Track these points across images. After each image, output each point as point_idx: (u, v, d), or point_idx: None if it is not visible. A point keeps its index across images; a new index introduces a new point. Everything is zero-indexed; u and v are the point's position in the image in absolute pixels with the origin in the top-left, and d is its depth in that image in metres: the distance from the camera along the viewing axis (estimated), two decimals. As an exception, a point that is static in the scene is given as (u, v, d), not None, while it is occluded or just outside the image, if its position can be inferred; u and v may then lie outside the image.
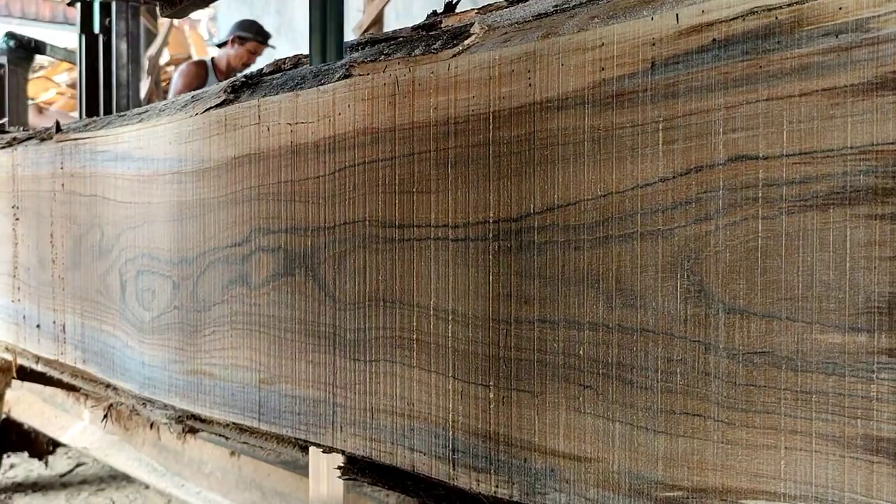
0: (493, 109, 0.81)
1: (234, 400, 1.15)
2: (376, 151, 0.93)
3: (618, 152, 0.71)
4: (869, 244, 0.57)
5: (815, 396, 0.59)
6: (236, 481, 2.30)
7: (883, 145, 0.56)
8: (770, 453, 0.62)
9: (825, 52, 0.59)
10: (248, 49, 4.98)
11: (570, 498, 0.75)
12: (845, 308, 0.58)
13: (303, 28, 11.47)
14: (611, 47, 0.71)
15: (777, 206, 0.61)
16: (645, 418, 0.69)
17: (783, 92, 0.61)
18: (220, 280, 1.17)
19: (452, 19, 0.99)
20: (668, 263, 0.68)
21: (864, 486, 0.57)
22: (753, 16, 0.62)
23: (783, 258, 0.61)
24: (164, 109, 1.33)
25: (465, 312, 0.84)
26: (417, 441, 0.89)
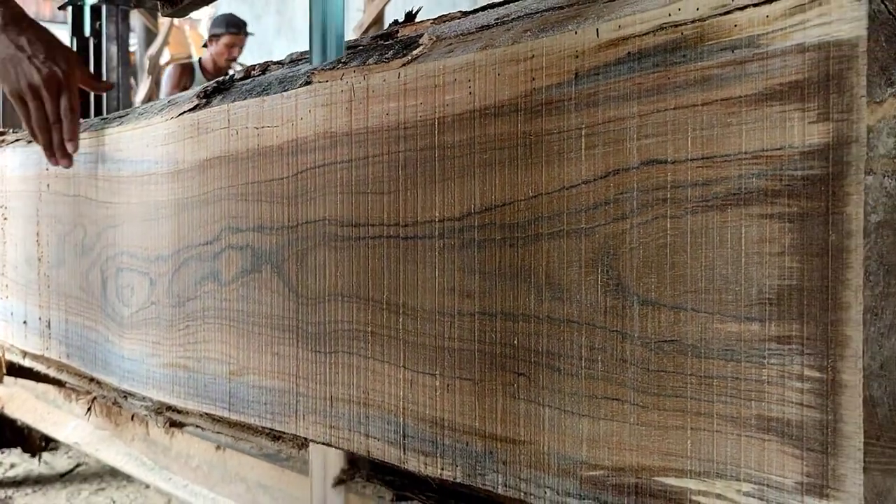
0: (439, 116, 0.86)
1: (207, 391, 1.21)
2: (334, 154, 0.98)
3: (546, 156, 0.76)
4: (761, 241, 0.62)
5: (716, 381, 0.65)
6: (222, 474, 2.36)
7: (771, 151, 0.61)
8: (678, 434, 0.67)
9: (723, 65, 0.64)
10: (225, 44, 4.94)
11: (506, 478, 0.81)
12: (741, 299, 0.63)
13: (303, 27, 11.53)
14: (540, 59, 0.77)
15: (683, 206, 0.67)
16: (571, 403, 0.75)
17: (688, 101, 0.66)
18: (194, 277, 1.22)
19: (409, 29, 1.05)
20: (590, 259, 0.73)
21: (757, 461, 0.63)
22: (662, 31, 0.68)
23: (689, 254, 0.66)
24: (143, 113, 1.39)
25: (413, 306, 0.89)
26: (372, 427, 0.95)
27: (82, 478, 3.35)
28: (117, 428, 2.85)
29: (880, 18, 0.58)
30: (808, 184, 0.60)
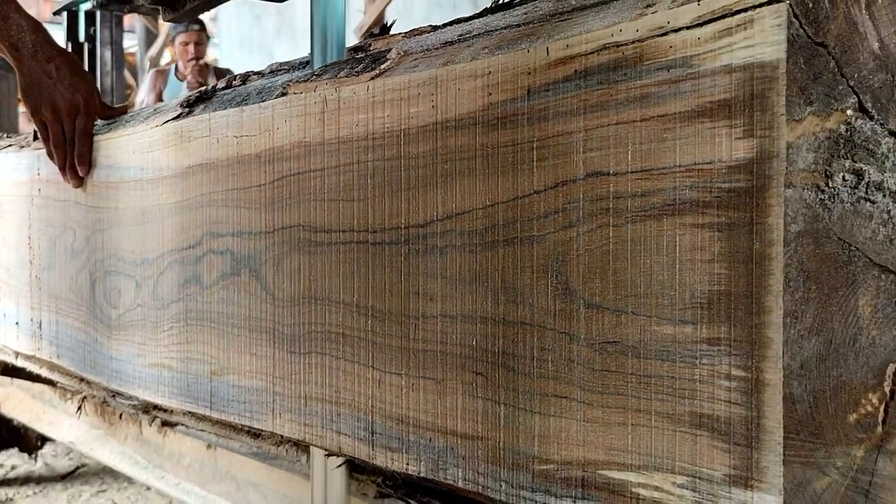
0: (404, 127, 0.90)
1: (190, 390, 1.25)
2: (308, 163, 1.02)
3: (501, 168, 0.80)
4: (693, 249, 0.66)
5: (653, 380, 0.69)
6: (213, 473, 2.40)
7: (702, 164, 0.66)
8: (620, 429, 0.72)
9: (660, 83, 0.68)
10: (180, 43, 4.90)
11: (465, 472, 0.85)
12: (676, 303, 0.68)
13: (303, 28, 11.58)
14: (496, 75, 0.81)
15: (624, 215, 0.71)
16: (524, 401, 0.79)
17: (628, 117, 0.70)
18: (177, 280, 1.26)
19: (382, 42, 1.09)
20: (541, 265, 0.77)
21: (690, 455, 0.67)
22: (606, 50, 0.72)
23: (629, 260, 0.71)
24: (129, 121, 1.43)
25: (381, 308, 0.94)
26: (343, 425, 0.99)
27: (83, 480, 3.36)
28: (111, 427, 2.89)
29: (799, 42, 0.62)
30: (735, 195, 0.64)
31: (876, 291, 0.68)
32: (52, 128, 1.47)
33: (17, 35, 1.48)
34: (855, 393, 0.67)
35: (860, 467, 0.67)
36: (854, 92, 0.65)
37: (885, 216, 0.67)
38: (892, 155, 0.67)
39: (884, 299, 0.68)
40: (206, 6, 1.91)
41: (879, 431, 0.68)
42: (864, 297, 0.67)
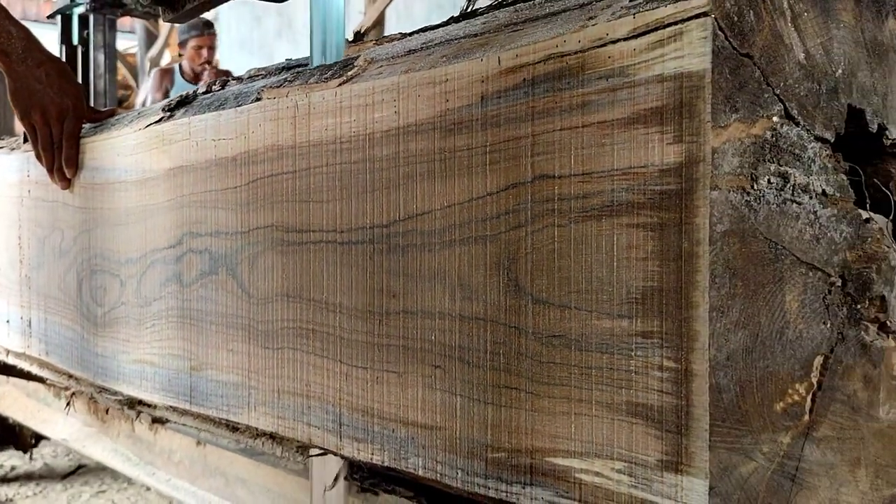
0: (369, 132, 0.94)
1: (171, 385, 1.29)
2: (281, 165, 1.06)
3: (458, 171, 0.85)
4: (629, 247, 0.71)
5: (594, 371, 0.73)
6: (203, 469, 2.44)
7: (637, 168, 0.70)
8: (564, 418, 0.76)
9: (599, 91, 0.72)
10: (193, 47, 4.92)
11: (425, 461, 0.89)
12: (614, 299, 0.72)
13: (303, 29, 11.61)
14: (453, 82, 0.85)
15: (567, 216, 0.75)
16: (478, 392, 0.83)
17: (571, 123, 0.74)
18: (159, 278, 1.30)
19: (353, 49, 1.13)
20: (493, 263, 0.81)
21: (627, 441, 0.71)
22: (551, 60, 0.76)
23: (572, 259, 0.75)
24: (115, 124, 1.47)
25: (348, 305, 0.98)
26: (313, 417, 1.03)
27: (83, 480, 3.38)
28: (104, 425, 2.93)
29: (724, 53, 0.66)
30: (666, 197, 0.68)
31: (803, 288, 0.72)
32: (40, 131, 1.51)
33: (6, 41, 1.53)
34: (782, 383, 0.71)
35: (787, 453, 0.71)
36: (780, 100, 0.69)
37: (812, 217, 0.72)
38: (818, 159, 0.72)
39: (811, 295, 0.72)
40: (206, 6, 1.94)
41: (807, 420, 0.73)
42: (792, 293, 0.71)
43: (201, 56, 4.91)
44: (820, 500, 0.74)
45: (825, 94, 0.73)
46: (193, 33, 4.91)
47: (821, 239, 0.73)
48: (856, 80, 0.76)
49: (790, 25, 0.70)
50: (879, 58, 0.77)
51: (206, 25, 5.07)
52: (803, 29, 0.71)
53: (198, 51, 4.91)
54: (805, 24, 0.71)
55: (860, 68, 0.76)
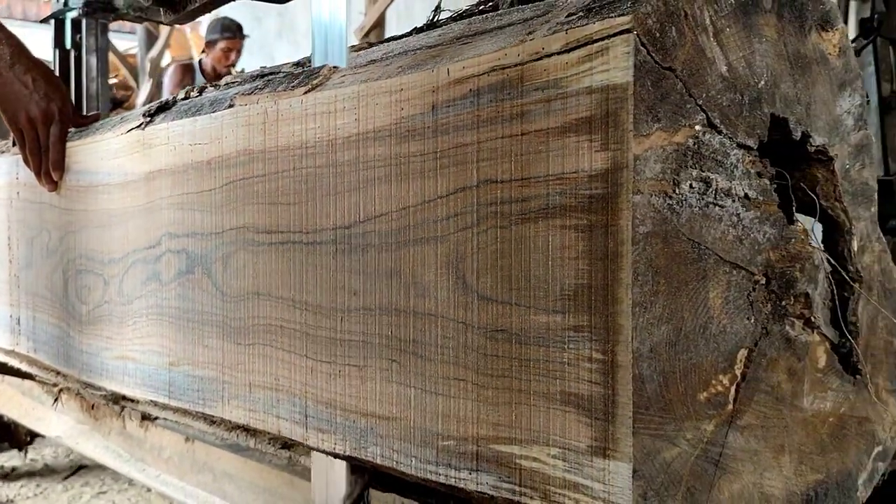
0: (332, 137, 0.99)
1: (151, 380, 1.34)
2: (252, 169, 1.12)
3: (411, 175, 0.90)
4: (563, 248, 0.76)
5: (532, 363, 0.78)
6: (191, 465, 2.49)
7: (569, 173, 0.75)
8: (506, 408, 0.81)
9: (536, 102, 0.77)
10: (222, 49, 4.94)
11: (382, 450, 0.94)
12: (549, 295, 0.77)
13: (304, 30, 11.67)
14: (407, 92, 0.90)
15: (508, 218, 0.80)
16: (430, 384, 0.88)
17: (512, 132, 0.80)
18: (140, 277, 1.35)
19: (323, 58, 1.18)
20: (443, 262, 0.87)
21: (561, 428, 0.76)
22: (494, 72, 0.81)
23: (513, 258, 0.80)
24: (99, 128, 1.52)
25: (313, 303, 1.03)
26: (282, 410, 1.08)
27: (84, 481, 3.37)
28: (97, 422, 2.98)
29: (646, 67, 0.71)
30: (594, 201, 0.73)
31: (727, 285, 0.77)
32: (27, 135, 1.56)
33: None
34: (705, 374, 0.76)
35: (710, 440, 0.76)
36: (702, 110, 0.75)
37: (735, 219, 0.77)
38: (741, 165, 0.77)
39: (735, 292, 0.78)
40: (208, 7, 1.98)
41: (730, 409, 0.78)
42: (715, 290, 0.76)
43: (229, 58, 4.91)
44: (744, 484, 0.79)
45: (748, 104, 0.78)
46: (227, 35, 4.91)
47: (744, 240, 0.78)
48: (779, 90, 0.81)
49: (712, 40, 0.75)
50: (803, 70, 0.82)
51: (238, 29, 5.07)
52: (726, 43, 0.76)
53: (226, 53, 4.91)
54: (727, 38, 0.76)
55: (783, 80, 0.81)
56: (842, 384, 0.87)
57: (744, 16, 0.78)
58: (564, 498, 0.76)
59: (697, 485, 0.75)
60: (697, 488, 0.75)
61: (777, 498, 0.81)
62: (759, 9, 0.79)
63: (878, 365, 0.90)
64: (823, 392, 0.85)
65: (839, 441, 0.87)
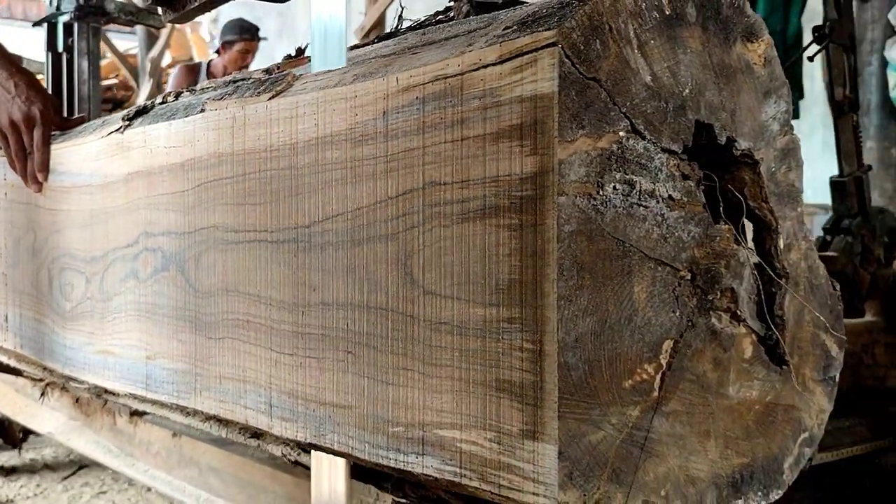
0: (294, 141, 1.05)
1: (129, 374, 1.39)
2: (222, 171, 1.17)
3: (365, 177, 0.95)
4: (497, 245, 0.81)
5: (471, 353, 0.84)
6: (178, 459, 2.54)
7: (503, 176, 0.80)
8: (448, 395, 0.86)
9: (474, 109, 0.83)
10: (238, 51, 4.89)
11: (339, 437, 1.00)
12: (486, 290, 0.82)
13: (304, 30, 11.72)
14: (361, 98, 0.95)
15: (450, 218, 0.85)
16: (382, 374, 0.94)
17: (454, 137, 0.85)
18: (119, 275, 1.41)
19: (291, 64, 1.24)
20: (393, 259, 0.92)
21: (496, 413, 0.82)
22: (437, 81, 0.87)
23: (454, 255, 0.85)
24: (81, 131, 1.58)
25: (277, 298, 1.08)
26: (249, 400, 1.14)
27: (84, 481, 3.38)
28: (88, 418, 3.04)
29: (571, 78, 0.77)
30: (525, 202, 0.78)
31: (652, 280, 0.83)
32: (11, 139, 1.62)
33: None
34: (630, 363, 0.81)
35: (635, 425, 0.82)
36: (626, 117, 0.80)
37: (659, 218, 0.82)
38: (665, 168, 0.82)
39: (660, 287, 0.83)
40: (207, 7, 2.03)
41: (656, 396, 0.83)
42: (640, 285, 0.82)
43: (245, 60, 4.86)
44: (669, 466, 0.84)
45: (672, 111, 0.83)
46: (245, 36, 4.85)
47: (668, 238, 0.84)
48: (704, 98, 0.86)
49: (637, 52, 0.81)
50: (727, 78, 0.88)
51: (256, 31, 5.02)
52: (650, 55, 0.82)
53: (243, 55, 4.86)
54: (652, 50, 0.82)
55: (708, 88, 0.86)
56: (768, 374, 0.93)
57: (668, 29, 0.83)
58: (499, 478, 0.81)
59: (623, 466, 0.81)
60: (623, 469, 0.81)
61: (702, 480, 0.87)
62: (683, 22, 0.84)
63: (804, 356, 0.96)
64: (750, 381, 0.91)
65: (765, 427, 0.92)
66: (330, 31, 1.10)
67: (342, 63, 1.07)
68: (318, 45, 1.11)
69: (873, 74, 3.81)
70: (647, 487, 0.82)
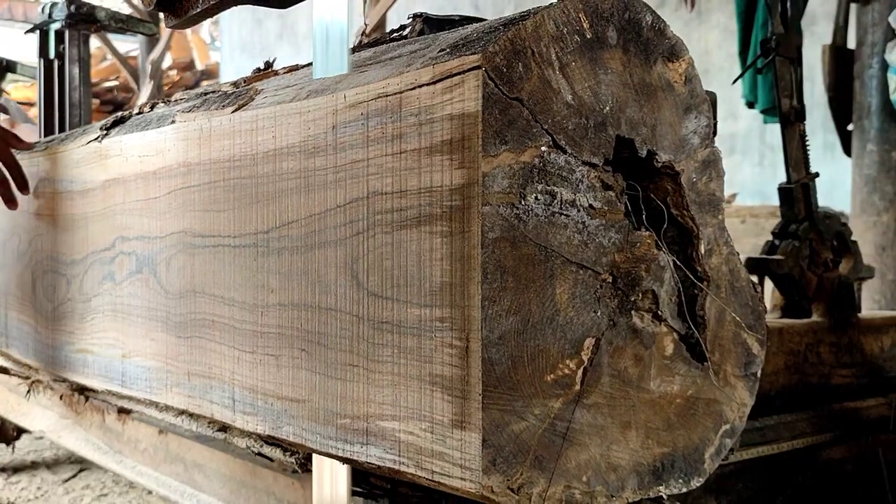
0: (254, 152, 1.12)
1: (107, 371, 1.47)
2: (190, 180, 1.24)
3: (317, 187, 1.02)
4: (431, 251, 0.88)
5: (408, 350, 0.91)
6: (164, 456, 2.62)
7: (435, 187, 0.87)
8: (389, 389, 0.93)
9: (411, 125, 0.90)
10: None
11: (294, 429, 1.07)
12: (422, 292, 0.89)
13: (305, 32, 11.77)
14: (313, 113, 1.03)
15: (391, 225, 0.92)
16: (332, 370, 1.01)
17: (394, 150, 0.92)
18: (97, 277, 1.48)
19: (256, 79, 1.31)
20: (342, 264, 0.99)
21: (430, 405, 0.89)
22: (380, 99, 0.94)
23: (394, 260, 0.92)
24: (64, 139, 1.65)
25: (239, 299, 1.15)
26: (214, 395, 1.21)
27: (85, 483, 3.42)
28: (78, 416, 3.11)
29: (494, 98, 0.84)
30: (454, 211, 0.85)
31: (574, 283, 0.90)
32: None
33: None
34: (552, 359, 0.88)
35: (557, 415, 0.89)
36: (548, 133, 0.87)
37: (581, 226, 0.89)
38: (586, 179, 0.89)
39: (581, 289, 0.90)
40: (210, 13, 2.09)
41: (577, 389, 0.90)
42: (562, 287, 0.89)
43: None
44: (591, 455, 0.91)
45: (593, 127, 0.90)
46: None
47: (589, 244, 0.91)
48: (624, 115, 0.93)
49: (558, 73, 0.88)
50: (648, 96, 0.95)
51: None
52: (571, 76, 0.89)
53: None
54: (573, 71, 0.89)
55: (629, 105, 0.94)
56: (689, 370, 1.00)
57: (589, 51, 0.90)
58: (432, 465, 0.88)
59: (545, 454, 0.88)
60: (545, 457, 0.88)
61: (624, 467, 0.94)
62: (604, 45, 0.91)
63: (726, 354, 1.03)
64: (671, 377, 0.98)
65: (686, 419, 1.00)
66: (331, 35, 1.10)
67: (344, 68, 1.07)
68: (320, 49, 1.11)
69: (874, 77, 3.80)
70: (568, 473, 0.89)
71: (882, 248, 3.70)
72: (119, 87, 14.16)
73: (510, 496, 0.86)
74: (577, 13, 0.89)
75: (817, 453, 1.73)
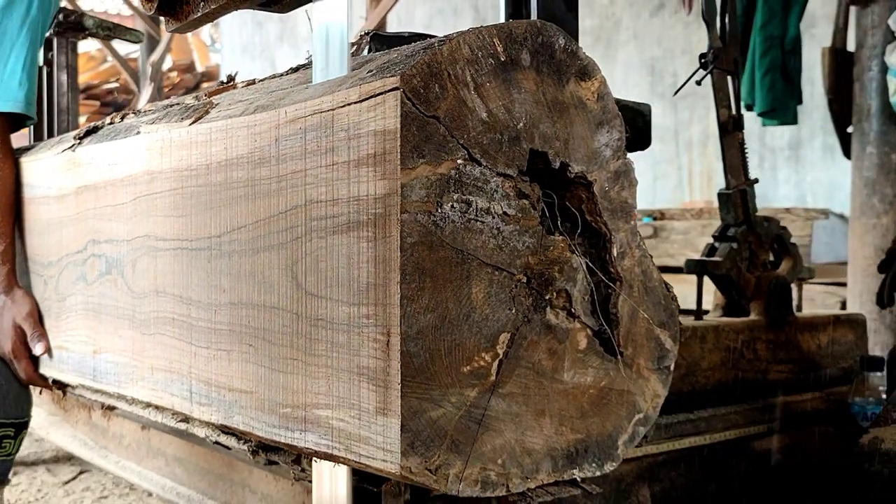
0: (209, 162, 1.21)
1: (80, 367, 1.55)
2: (153, 187, 1.33)
3: (262, 194, 1.11)
4: (359, 254, 0.97)
5: (339, 344, 1.00)
6: (147, 451, 2.71)
7: (363, 196, 0.96)
8: (324, 381, 1.02)
9: (341, 140, 0.99)
10: None
11: (243, 418, 1.16)
12: (352, 291, 0.98)
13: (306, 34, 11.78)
14: (259, 126, 1.12)
15: (325, 231, 1.01)
16: (275, 363, 1.10)
17: (327, 162, 1.01)
18: (71, 278, 1.57)
19: (216, 92, 1.40)
20: (284, 265, 1.08)
21: (357, 395, 0.97)
22: (315, 115, 1.03)
23: (328, 262, 1.01)
24: (42, 147, 1.74)
25: (196, 299, 1.24)
26: (174, 388, 1.30)
27: (85, 486, 3.45)
28: (66, 413, 3.21)
29: (412, 116, 0.93)
30: (378, 218, 0.94)
31: (489, 283, 0.98)
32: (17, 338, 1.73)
33: None
34: (469, 352, 0.97)
35: (473, 403, 0.98)
36: (464, 147, 0.96)
37: (496, 231, 0.98)
38: (500, 189, 0.98)
39: (497, 288, 0.99)
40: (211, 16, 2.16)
41: (493, 380, 0.99)
42: (478, 287, 0.98)
43: None
44: (506, 439, 1.00)
45: (507, 141, 0.99)
46: None
47: (504, 247, 1.00)
48: (538, 130, 1.02)
49: (473, 93, 0.97)
50: (560, 113, 1.04)
51: None
52: (486, 95, 0.98)
53: None
54: (487, 91, 0.98)
55: (542, 121, 1.02)
56: (602, 363, 1.08)
57: (504, 73, 0.99)
58: (359, 448, 0.97)
59: (461, 438, 0.97)
60: (461, 441, 0.97)
61: (538, 451, 1.03)
62: (518, 66, 1.00)
63: (639, 348, 1.12)
64: (584, 369, 1.07)
65: (600, 408, 1.08)
66: (331, 36, 1.12)
67: (344, 71, 1.09)
68: (320, 53, 1.13)
69: (873, 80, 3.76)
70: (484, 456, 0.98)
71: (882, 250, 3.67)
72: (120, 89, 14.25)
73: (428, 476, 0.94)
74: (492, 38, 0.98)
75: (750, 444, 1.82)
